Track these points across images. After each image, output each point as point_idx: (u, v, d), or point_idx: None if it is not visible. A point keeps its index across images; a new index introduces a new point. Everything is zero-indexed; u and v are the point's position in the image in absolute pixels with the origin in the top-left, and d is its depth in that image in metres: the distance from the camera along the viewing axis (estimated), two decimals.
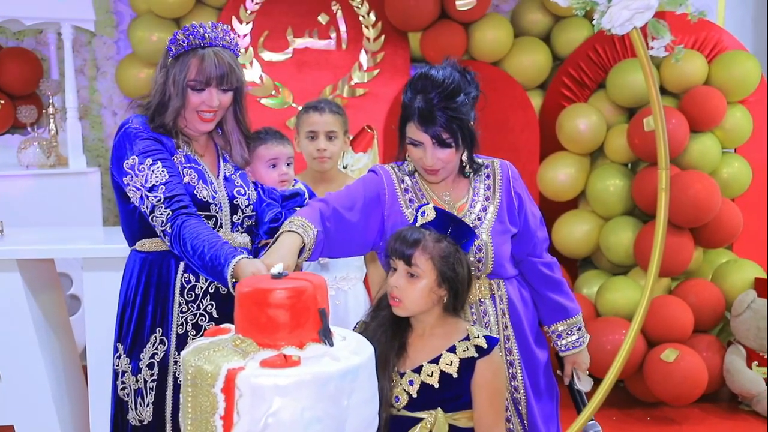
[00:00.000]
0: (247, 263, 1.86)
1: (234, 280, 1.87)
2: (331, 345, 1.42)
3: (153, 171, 2.05)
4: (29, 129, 4.60)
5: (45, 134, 4.60)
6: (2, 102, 4.54)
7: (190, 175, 2.12)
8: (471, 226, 2.09)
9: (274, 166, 2.32)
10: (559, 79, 4.53)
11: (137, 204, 2.07)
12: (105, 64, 4.98)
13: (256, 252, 2.26)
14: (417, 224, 1.93)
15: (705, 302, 4.02)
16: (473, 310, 2.18)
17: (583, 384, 2.37)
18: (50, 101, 4.63)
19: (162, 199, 2.02)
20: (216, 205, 2.14)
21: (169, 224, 2.01)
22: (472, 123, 2.11)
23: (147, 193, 2.04)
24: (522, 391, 2.20)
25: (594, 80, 4.44)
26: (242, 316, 1.42)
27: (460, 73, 2.12)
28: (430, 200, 2.18)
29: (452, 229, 1.91)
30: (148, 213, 2.04)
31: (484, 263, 2.14)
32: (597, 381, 3.83)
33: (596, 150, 4.38)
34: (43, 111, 4.71)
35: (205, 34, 2.10)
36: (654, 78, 1.98)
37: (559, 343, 2.30)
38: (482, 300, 2.18)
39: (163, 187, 2.03)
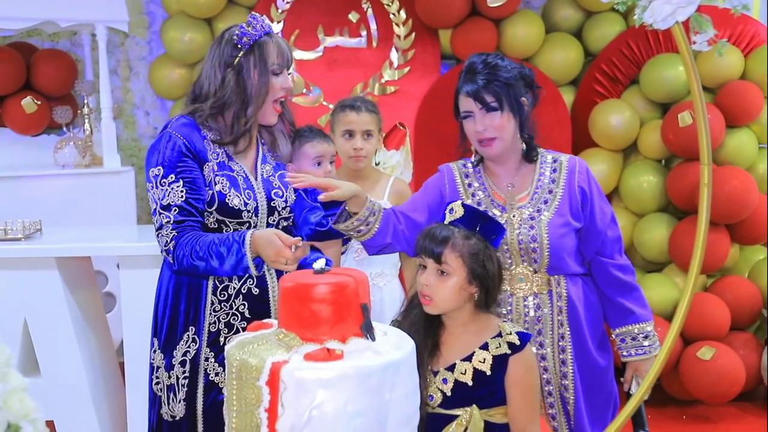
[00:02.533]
0: (261, 232, 1.96)
1: (253, 255, 1.95)
2: (373, 339, 1.42)
3: (172, 189, 2.06)
4: (65, 129, 4.66)
5: (80, 134, 4.66)
6: (38, 103, 4.60)
7: (222, 183, 2.12)
8: (529, 216, 2.14)
9: (319, 164, 2.34)
10: (592, 75, 4.49)
11: (151, 214, 2.10)
12: (138, 65, 5.03)
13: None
14: (445, 222, 1.93)
15: (742, 299, 3.97)
16: (526, 303, 2.17)
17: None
18: (85, 102, 4.70)
19: (172, 221, 2.05)
20: (249, 211, 2.13)
21: (172, 243, 2.04)
22: (523, 99, 2.17)
23: (161, 210, 2.06)
24: (572, 391, 2.18)
25: (627, 76, 4.40)
26: (285, 311, 1.43)
27: (511, 62, 2.21)
28: (491, 192, 2.22)
29: (481, 225, 1.91)
30: (156, 227, 2.08)
31: (539, 254, 2.14)
32: None
33: (629, 146, 4.34)
34: (78, 111, 4.77)
35: (265, 24, 2.16)
36: (697, 73, 1.96)
37: (622, 347, 2.26)
38: (538, 294, 2.17)
39: (177, 209, 2.05)
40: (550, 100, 4.49)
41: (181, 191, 2.06)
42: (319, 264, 1.44)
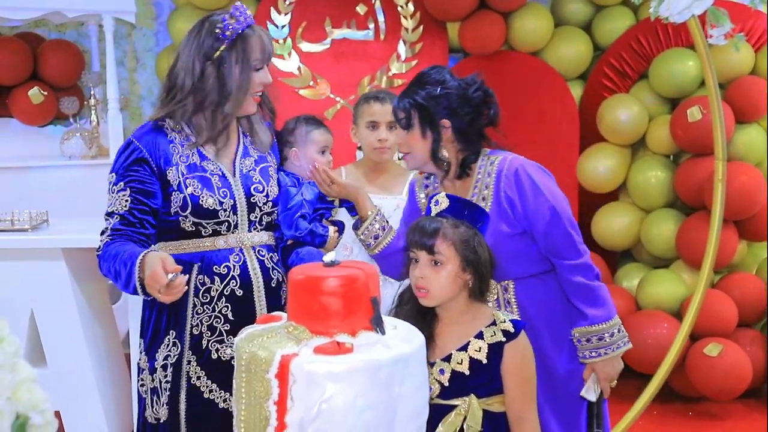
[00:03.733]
0: (153, 253, 1.88)
1: (140, 275, 1.87)
2: (383, 333, 1.41)
3: (119, 197, 2.03)
4: (71, 120, 4.66)
5: (87, 125, 4.66)
6: (45, 93, 4.60)
7: (193, 185, 2.06)
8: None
9: (323, 152, 2.35)
10: (600, 69, 4.47)
11: None
12: (145, 56, 5.03)
13: (284, 251, 2.22)
14: (432, 214, 1.95)
15: (749, 296, 3.95)
16: None
17: (588, 392, 2.17)
18: (92, 93, 4.69)
19: (110, 228, 2.02)
20: (226, 210, 2.08)
21: (102, 249, 2.01)
22: (444, 121, 2.16)
23: (106, 216, 2.05)
24: None
25: (636, 70, 4.38)
26: (295, 304, 1.42)
27: (463, 81, 2.19)
28: None
29: (468, 213, 1.94)
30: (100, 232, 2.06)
31: None
32: (640, 376, 3.80)
33: (637, 141, 4.32)
34: (85, 102, 4.77)
35: (248, 16, 2.09)
36: (713, 68, 1.94)
37: (578, 348, 2.16)
38: None
39: (119, 217, 2.02)
40: (559, 95, 4.48)
41: (126, 200, 2.03)
42: (329, 257, 1.43)
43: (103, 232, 2.04)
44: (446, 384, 1.91)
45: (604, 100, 4.33)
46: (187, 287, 1.90)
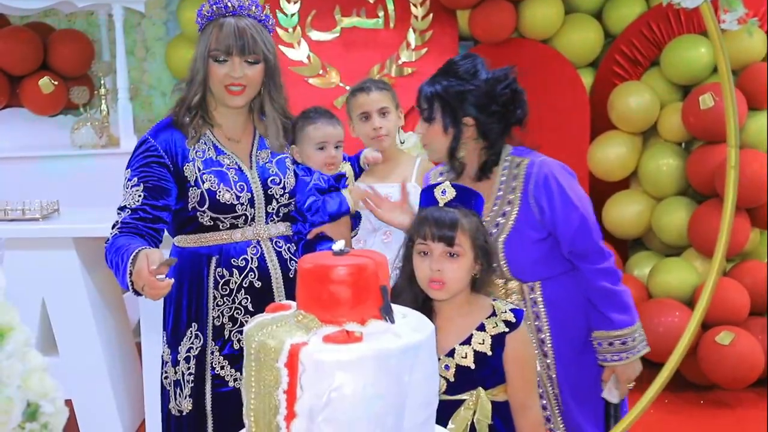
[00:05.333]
0: (148, 249, 1.86)
1: (131, 270, 1.84)
2: (393, 322, 1.41)
3: (132, 192, 2.04)
4: (82, 110, 4.67)
5: (97, 115, 4.66)
6: (55, 83, 4.61)
7: (210, 180, 2.07)
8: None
9: (322, 148, 2.23)
10: (611, 56, 4.44)
11: None
12: (155, 45, 5.02)
13: (306, 247, 2.21)
14: (441, 204, 1.89)
15: (761, 284, 3.93)
16: None
17: (610, 394, 2.17)
18: (102, 82, 4.70)
19: (120, 222, 2.02)
20: (243, 204, 2.09)
21: (109, 241, 2.00)
22: (467, 119, 2.08)
23: (118, 210, 2.05)
24: (559, 395, 2.14)
25: (647, 57, 4.35)
26: (304, 292, 1.42)
27: (495, 76, 2.10)
28: None
29: (474, 201, 1.91)
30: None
31: (499, 268, 2.09)
32: (651, 365, 3.78)
33: (649, 129, 4.30)
34: (95, 92, 4.78)
35: (228, 3, 2.05)
36: (726, 53, 1.92)
37: (598, 351, 2.14)
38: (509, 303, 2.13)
39: (130, 211, 2.02)
40: (569, 82, 4.45)
41: (139, 196, 2.03)
42: (339, 245, 1.43)
43: (114, 226, 2.05)
44: (452, 379, 1.88)
45: (615, 87, 4.30)
46: (171, 287, 1.86)
